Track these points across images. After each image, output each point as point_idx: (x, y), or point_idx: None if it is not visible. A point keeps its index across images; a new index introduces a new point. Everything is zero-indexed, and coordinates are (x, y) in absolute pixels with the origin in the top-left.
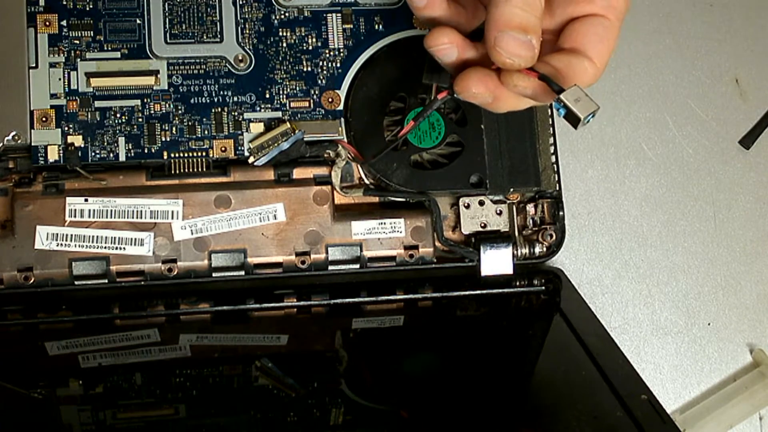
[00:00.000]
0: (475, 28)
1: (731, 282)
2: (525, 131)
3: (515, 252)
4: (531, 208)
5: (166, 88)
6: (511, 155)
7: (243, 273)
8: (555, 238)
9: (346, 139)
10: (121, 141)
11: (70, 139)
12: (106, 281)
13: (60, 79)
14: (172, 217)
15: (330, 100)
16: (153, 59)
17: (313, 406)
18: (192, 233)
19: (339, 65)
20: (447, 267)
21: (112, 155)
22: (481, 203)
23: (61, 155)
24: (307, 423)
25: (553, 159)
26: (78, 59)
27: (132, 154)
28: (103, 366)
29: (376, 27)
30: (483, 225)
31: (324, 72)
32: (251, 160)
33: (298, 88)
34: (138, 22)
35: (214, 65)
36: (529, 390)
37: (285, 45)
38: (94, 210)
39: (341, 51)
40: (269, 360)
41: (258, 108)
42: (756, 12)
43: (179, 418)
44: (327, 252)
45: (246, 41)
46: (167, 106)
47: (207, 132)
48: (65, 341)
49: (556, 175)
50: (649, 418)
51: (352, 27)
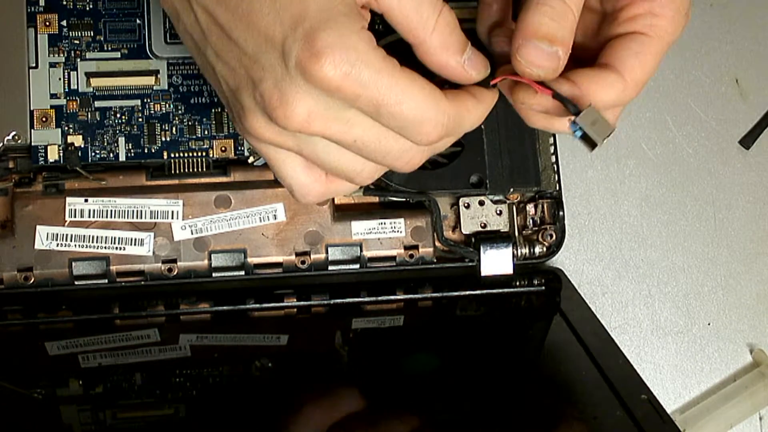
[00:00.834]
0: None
1: (731, 282)
2: (525, 131)
3: (515, 252)
4: (531, 208)
5: (166, 88)
6: (511, 155)
7: (243, 273)
8: (555, 238)
9: None
10: (121, 141)
11: (70, 139)
12: (106, 281)
13: (60, 79)
14: (172, 217)
15: None
16: (153, 59)
17: (313, 405)
18: (192, 233)
19: None
20: (447, 267)
21: (112, 155)
22: (481, 203)
23: (61, 155)
24: (307, 423)
25: (553, 159)
26: (78, 59)
27: (132, 154)
28: (103, 366)
29: (376, 27)
30: (483, 225)
31: None
32: (251, 160)
33: None
34: (138, 22)
35: None
36: (529, 390)
37: None
38: (94, 210)
39: None
40: (269, 360)
41: None
42: (756, 12)
43: (179, 418)
44: (327, 252)
45: None
46: (167, 106)
47: (207, 132)
48: (65, 341)
49: (556, 175)
50: (649, 418)
51: None
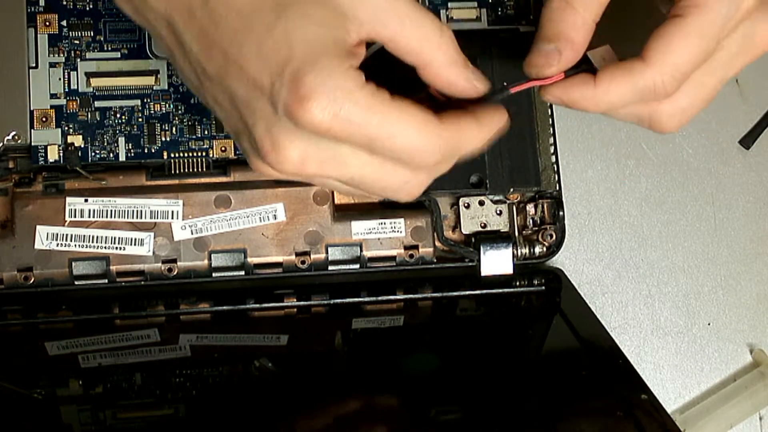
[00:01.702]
0: None
1: (731, 282)
2: (525, 131)
3: (515, 252)
4: (531, 208)
5: (166, 88)
6: (511, 155)
7: (243, 273)
8: (555, 238)
9: None
10: (121, 141)
11: (70, 139)
12: (106, 281)
13: (60, 79)
14: (172, 217)
15: None
16: (153, 59)
17: (313, 405)
18: (192, 233)
19: None
20: (447, 267)
21: (112, 155)
22: (481, 203)
23: (61, 155)
24: (307, 423)
25: (553, 159)
26: (78, 59)
27: (132, 154)
28: (103, 366)
29: None
30: (483, 225)
31: None
32: None
33: None
34: None
35: None
36: (529, 390)
37: None
38: (94, 210)
39: None
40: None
41: None
42: None
43: (179, 418)
44: (327, 252)
45: None
46: (167, 106)
47: (207, 132)
48: (65, 341)
49: (556, 175)
50: (649, 418)
51: None
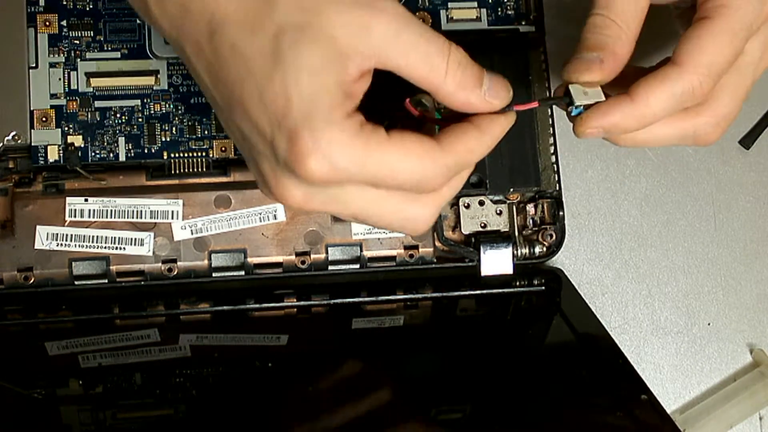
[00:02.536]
0: None
1: (731, 282)
2: (525, 131)
3: (515, 252)
4: (531, 208)
5: (166, 88)
6: (511, 155)
7: (243, 273)
8: (555, 238)
9: None
10: (121, 141)
11: (70, 139)
12: (106, 281)
13: (60, 79)
14: (172, 217)
15: None
16: (153, 59)
17: (313, 405)
18: (192, 233)
19: None
20: (447, 267)
21: (112, 155)
22: (481, 203)
23: (61, 155)
24: (307, 423)
25: (553, 159)
26: (78, 59)
27: (132, 154)
28: (103, 366)
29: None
30: (483, 225)
31: None
32: None
33: None
34: (138, 22)
35: None
36: (529, 390)
37: None
38: (94, 210)
39: None
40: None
41: None
42: None
43: (179, 418)
44: (327, 252)
45: None
46: (167, 106)
47: (207, 132)
48: (65, 341)
49: (556, 175)
50: (649, 418)
51: None
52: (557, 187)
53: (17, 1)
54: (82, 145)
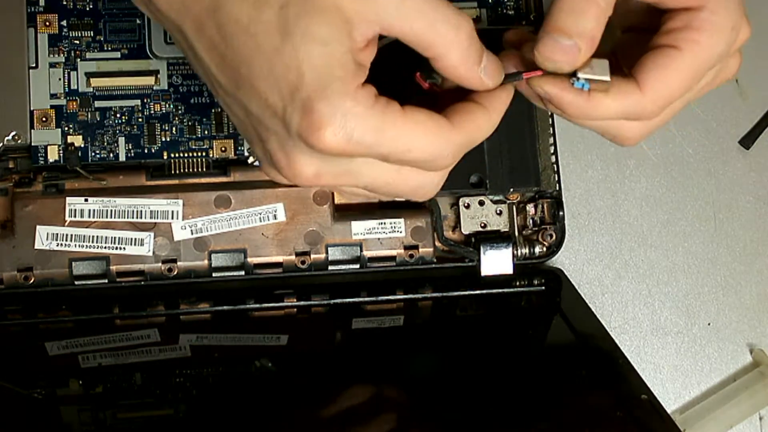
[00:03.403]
0: None
1: (731, 282)
2: (525, 131)
3: (515, 252)
4: (531, 208)
5: (166, 88)
6: (511, 155)
7: (243, 273)
8: (555, 238)
9: None
10: (121, 141)
11: (70, 139)
12: (106, 281)
13: (60, 79)
14: (172, 217)
15: None
16: (153, 59)
17: (313, 406)
18: (192, 233)
19: None
20: (447, 267)
21: (112, 155)
22: (481, 203)
23: (61, 155)
24: (307, 423)
25: (553, 159)
26: (78, 59)
27: (132, 154)
28: (103, 366)
29: None
30: (483, 225)
31: None
32: (251, 160)
33: None
34: (138, 22)
35: None
36: (529, 390)
37: None
38: (94, 210)
39: None
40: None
41: None
42: (756, 12)
43: (179, 418)
44: (327, 252)
45: None
46: (167, 106)
47: (207, 132)
48: (65, 341)
49: (556, 175)
50: (649, 418)
51: None
52: (557, 187)
53: (17, 1)
54: (82, 145)
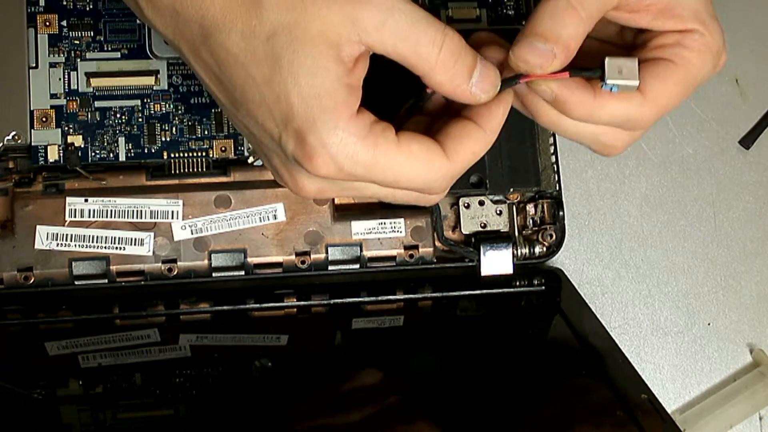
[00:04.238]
0: None
1: (731, 282)
2: (525, 131)
3: (515, 252)
4: (531, 208)
5: (166, 88)
6: (511, 155)
7: (243, 273)
8: (555, 238)
9: None
10: (121, 141)
11: (70, 139)
12: (106, 281)
13: (60, 79)
14: (172, 217)
15: None
16: (153, 59)
17: (313, 406)
18: (192, 233)
19: None
20: (447, 267)
21: (112, 155)
22: (481, 203)
23: (61, 155)
24: (307, 423)
25: (553, 159)
26: (78, 59)
27: (132, 154)
28: (103, 366)
29: None
30: (483, 225)
31: None
32: (251, 160)
33: None
34: (138, 22)
35: None
36: (529, 390)
37: None
38: (94, 210)
39: None
40: (269, 360)
41: None
42: (756, 12)
43: (179, 418)
44: (327, 252)
45: None
46: (167, 106)
47: (207, 132)
48: (65, 341)
49: (556, 175)
50: (649, 418)
51: None
52: (557, 187)
53: (17, 1)
54: (82, 145)
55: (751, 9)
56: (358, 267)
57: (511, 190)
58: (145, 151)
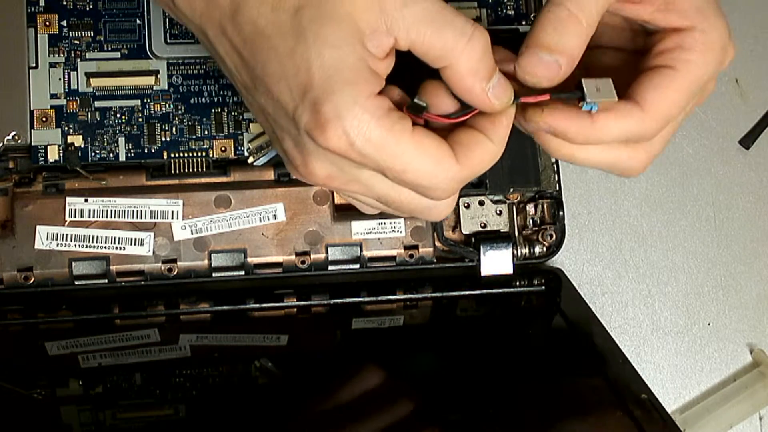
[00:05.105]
0: None
1: (731, 282)
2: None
3: (515, 252)
4: (531, 208)
5: (166, 88)
6: (511, 155)
7: (243, 273)
8: (555, 238)
9: None
10: (121, 141)
11: (70, 139)
12: (106, 281)
13: (60, 79)
14: (172, 217)
15: None
16: (153, 59)
17: (314, 406)
18: (192, 233)
19: None
20: (447, 267)
21: (112, 155)
22: (481, 203)
23: (61, 155)
24: (308, 423)
25: (553, 159)
26: (78, 59)
27: (132, 154)
28: (103, 366)
29: None
30: (483, 225)
31: None
32: (251, 160)
33: None
34: (138, 22)
35: (214, 65)
36: (529, 390)
37: None
38: (94, 210)
39: None
40: (269, 360)
41: None
42: (756, 12)
43: (179, 418)
44: (327, 252)
45: None
46: (167, 106)
47: (207, 132)
48: (65, 341)
49: (556, 175)
50: (649, 418)
51: None
52: (557, 187)
53: (17, 1)
54: (82, 145)
55: (751, 9)
56: (358, 267)
57: (511, 190)
58: (145, 151)
